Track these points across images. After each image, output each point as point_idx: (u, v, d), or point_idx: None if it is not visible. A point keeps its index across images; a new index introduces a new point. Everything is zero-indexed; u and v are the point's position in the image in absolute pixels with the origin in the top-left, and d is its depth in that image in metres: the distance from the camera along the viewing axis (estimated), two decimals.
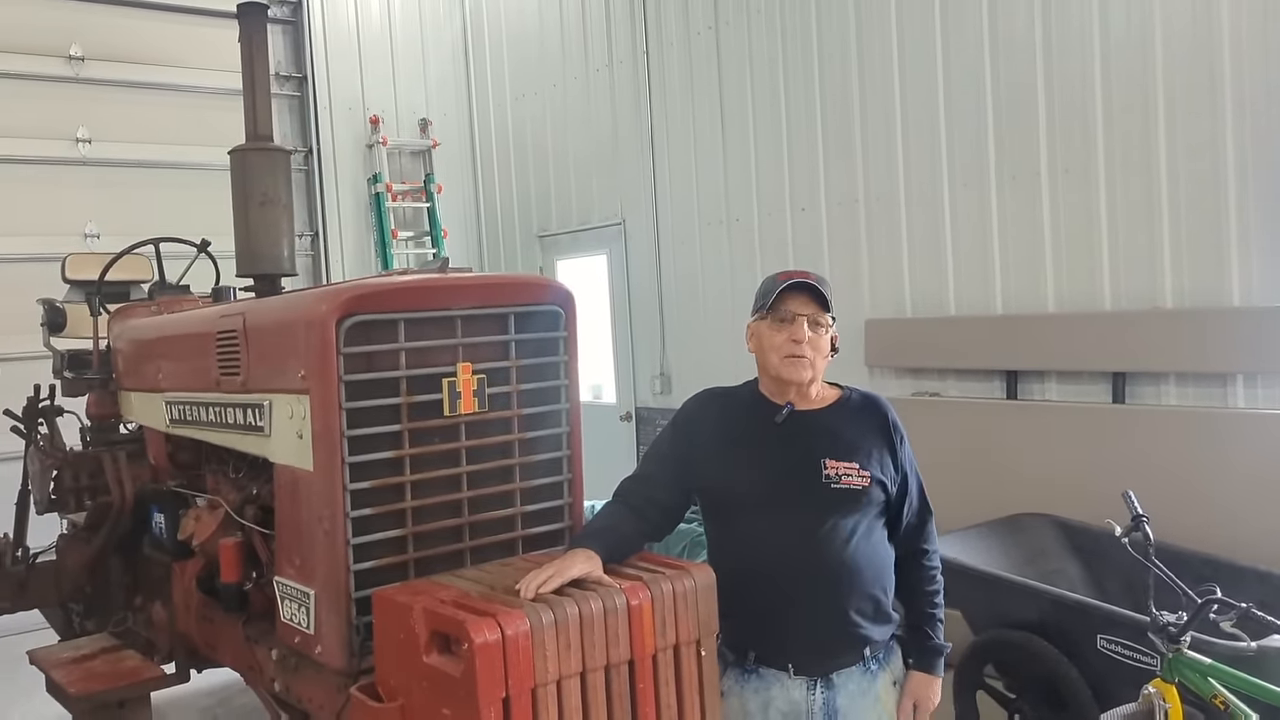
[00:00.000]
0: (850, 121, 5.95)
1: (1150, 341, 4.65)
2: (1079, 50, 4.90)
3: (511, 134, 8.61)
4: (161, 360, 3.83)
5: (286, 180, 3.71)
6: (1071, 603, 3.79)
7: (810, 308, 2.57)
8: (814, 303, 2.57)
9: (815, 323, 2.56)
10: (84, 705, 3.73)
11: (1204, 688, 3.07)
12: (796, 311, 2.56)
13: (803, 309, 2.56)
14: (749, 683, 2.60)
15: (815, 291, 2.57)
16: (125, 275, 4.90)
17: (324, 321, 2.61)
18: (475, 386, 2.78)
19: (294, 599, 2.82)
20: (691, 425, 2.71)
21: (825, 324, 2.59)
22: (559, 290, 2.98)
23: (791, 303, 2.57)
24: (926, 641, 2.67)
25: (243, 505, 3.31)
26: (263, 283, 3.64)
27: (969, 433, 5.21)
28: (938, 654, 2.69)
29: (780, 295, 2.58)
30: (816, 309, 2.57)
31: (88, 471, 4.49)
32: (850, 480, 2.53)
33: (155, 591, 4.08)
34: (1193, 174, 4.56)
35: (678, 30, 7.02)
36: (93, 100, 7.38)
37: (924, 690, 2.67)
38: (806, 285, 2.57)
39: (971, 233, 5.40)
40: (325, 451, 2.64)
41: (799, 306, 2.57)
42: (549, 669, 2.18)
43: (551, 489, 2.98)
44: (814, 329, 2.56)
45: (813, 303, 2.57)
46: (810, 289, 2.57)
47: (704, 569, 2.50)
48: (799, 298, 2.58)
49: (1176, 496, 4.25)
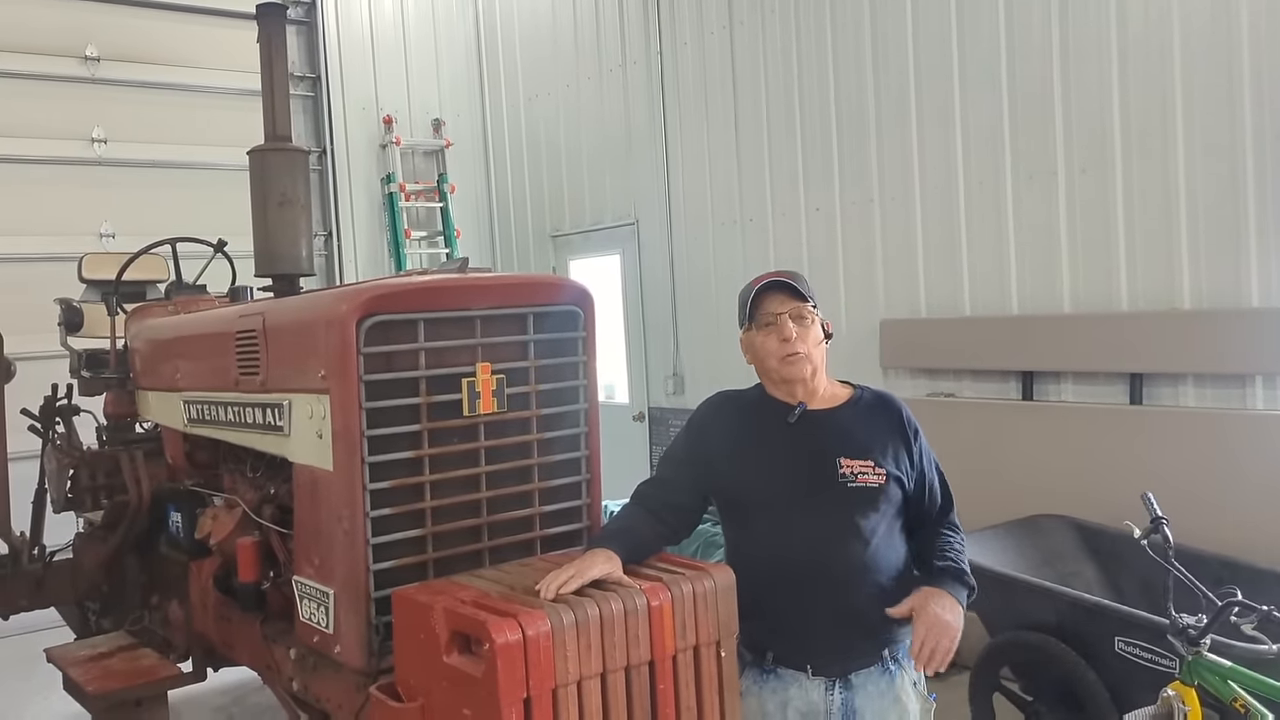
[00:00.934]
0: (865, 121, 5.94)
1: (1168, 342, 4.62)
2: (1096, 48, 4.87)
3: (525, 134, 8.62)
4: (180, 360, 3.83)
5: (305, 180, 3.72)
6: (1090, 605, 3.77)
7: (789, 304, 2.59)
8: (791, 298, 2.60)
9: (798, 316, 2.59)
10: (101, 703, 3.75)
11: (1224, 691, 3.05)
12: (776, 312, 2.59)
13: (781, 307, 2.59)
14: (767, 683, 2.60)
15: (789, 287, 2.59)
16: (142, 275, 4.92)
17: (344, 321, 2.61)
18: (494, 386, 2.78)
19: (313, 598, 2.83)
20: (705, 429, 2.72)
21: (809, 315, 2.60)
22: (578, 290, 2.98)
23: (769, 304, 2.61)
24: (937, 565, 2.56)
25: (260, 504, 3.32)
26: (281, 283, 3.64)
27: (984, 434, 5.20)
28: (955, 576, 2.52)
29: (756, 301, 2.62)
30: (795, 303, 2.59)
31: (104, 470, 4.50)
32: (866, 478, 2.53)
33: (172, 590, 4.10)
34: (1211, 173, 4.53)
35: (692, 30, 7.02)
36: (108, 100, 7.41)
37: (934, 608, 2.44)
38: (778, 283, 2.60)
39: (987, 233, 5.38)
40: (345, 451, 2.64)
41: (778, 306, 2.60)
42: (570, 670, 2.18)
43: (570, 489, 2.98)
44: (798, 322, 2.58)
45: (790, 299, 2.60)
46: (783, 286, 2.60)
47: (724, 570, 2.49)
48: (775, 297, 2.61)
49: (1194, 498, 4.23)
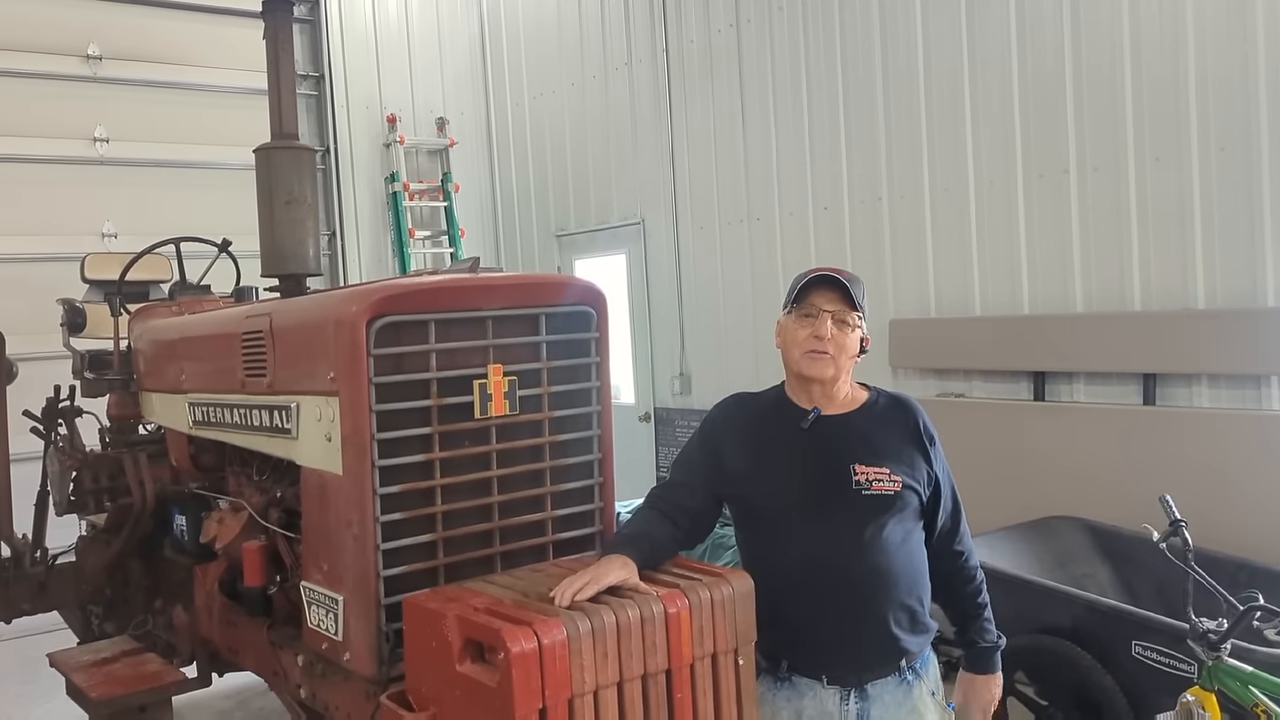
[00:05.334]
0: (874, 118, 5.89)
1: (1182, 342, 4.59)
2: (1108, 45, 4.83)
3: (529, 133, 8.58)
4: (185, 361, 3.79)
5: (312, 179, 3.67)
6: (1106, 608, 3.73)
7: (837, 304, 2.51)
8: (842, 300, 2.51)
9: (841, 320, 2.50)
10: (105, 709, 3.71)
11: (1245, 696, 3.01)
12: (822, 307, 2.51)
13: (829, 305, 2.50)
14: (781, 691, 2.55)
15: (842, 287, 2.51)
16: (145, 275, 4.88)
17: (354, 322, 2.57)
18: (506, 388, 2.74)
19: (321, 604, 2.79)
20: (718, 433, 2.66)
21: (852, 323, 2.52)
22: (590, 290, 2.94)
23: (817, 298, 2.52)
24: (978, 645, 2.65)
25: (266, 508, 3.28)
26: (288, 283, 3.60)
27: (995, 435, 5.15)
28: (991, 652, 2.67)
29: (806, 289, 2.53)
30: (844, 306, 2.51)
31: (107, 473, 4.48)
32: (881, 486, 2.47)
33: (176, 594, 4.06)
34: (1225, 171, 4.49)
35: (698, 28, 6.97)
36: (110, 99, 7.36)
37: (983, 692, 2.66)
38: (835, 281, 2.51)
39: (998, 232, 5.34)
40: (355, 455, 2.60)
41: (825, 302, 2.51)
42: (586, 679, 2.14)
43: (583, 493, 2.94)
44: (840, 327, 2.50)
45: (840, 300, 2.51)
46: (839, 285, 2.51)
47: (742, 576, 2.44)
48: (827, 293, 2.52)
49: (1210, 500, 4.19)
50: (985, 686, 2.65)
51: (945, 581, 2.64)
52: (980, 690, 2.65)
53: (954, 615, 2.70)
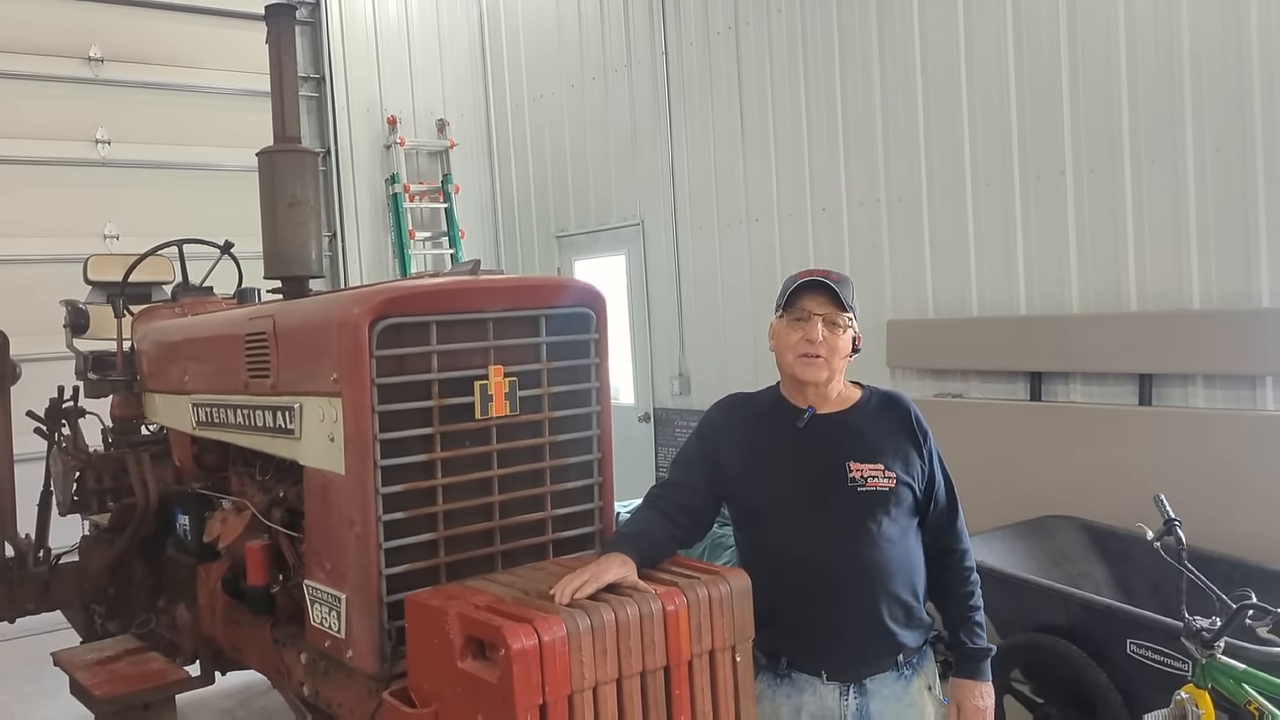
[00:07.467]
0: (872, 120, 5.92)
1: (1178, 343, 4.60)
2: (1104, 46, 4.85)
3: (529, 134, 8.60)
4: (188, 362, 3.82)
5: (314, 182, 3.69)
6: (1101, 607, 3.75)
7: (826, 307, 2.54)
8: (831, 302, 2.54)
9: (832, 323, 2.54)
10: (109, 707, 3.74)
11: (1238, 694, 3.04)
12: (812, 310, 2.54)
13: (818, 308, 2.54)
14: (780, 687, 2.59)
15: (832, 291, 2.54)
16: (148, 276, 4.90)
17: (357, 324, 2.60)
18: (507, 389, 2.77)
19: (324, 603, 2.81)
20: (715, 433, 2.69)
21: (843, 324, 2.55)
22: (590, 292, 2.97)
23: (807, 301, 2.55)
24: (966, 647, 2.63)
25: (269, 507, 3.31)
26: (291, 284, 3.62)
27: (992, 435, 5.17)
28: (980, 658, 2.63)
29: (796, 293, 2.56)
30: (833, 308, 2.54)
31: (110, 473, 4.50)
32: (876, 482, 2.51)
33: (179, 593, 4.09)
34: (1221, 172, 4.51)
35: (697, 30, 7.00)
36: (112, 101, 7.38)
37: (971, 696, 2.61)
38: (823, 284, 2.54)
39: (995, 233, 5.36)
40: (357, 455, 2.63)
41: (815, 305, 2.54)
42: (585, 675, 2.17)
43: (582, 492, 2.97)
44: (830, 329, 2.53)
45: (829, 302, 2.54)
46: (828, 288, 2.54)
47: (739, 574, 2.48)
48: (816, 297, 2.55)
49: (1205, 500, 4.20)
50: (973, 693, 2.60)
51: (940, 581, 2.66)
52: (968, 696, 2.60)
53: (947, 618, 2.70)
